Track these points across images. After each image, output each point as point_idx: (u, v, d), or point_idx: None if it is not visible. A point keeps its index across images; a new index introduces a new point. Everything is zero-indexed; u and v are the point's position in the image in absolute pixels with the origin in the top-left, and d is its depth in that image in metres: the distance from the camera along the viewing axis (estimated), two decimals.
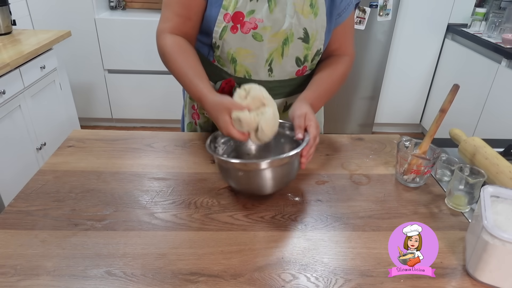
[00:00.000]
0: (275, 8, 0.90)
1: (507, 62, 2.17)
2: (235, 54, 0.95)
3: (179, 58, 0.90)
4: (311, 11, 0.92)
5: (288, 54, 0.95)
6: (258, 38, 0.92)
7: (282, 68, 0.98)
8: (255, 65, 0.96)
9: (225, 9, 0.90)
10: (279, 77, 0.99)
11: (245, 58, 0.95)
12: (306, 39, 0.94)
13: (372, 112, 3.02)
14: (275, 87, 1.00)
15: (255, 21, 0.90)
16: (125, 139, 1.03)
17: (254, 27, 0.90)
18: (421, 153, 0.86)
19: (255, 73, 0.98)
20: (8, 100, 1.75)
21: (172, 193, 0.82)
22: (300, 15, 0.91)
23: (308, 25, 0.93)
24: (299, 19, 0.92)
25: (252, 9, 0.89)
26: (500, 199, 0.68)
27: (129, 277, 0.61)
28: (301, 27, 0.93)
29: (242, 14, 0.90)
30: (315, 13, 0.93)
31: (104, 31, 2.72)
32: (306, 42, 0.95)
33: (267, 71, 0.97)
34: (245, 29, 0.91)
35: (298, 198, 0.82)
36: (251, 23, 0.90)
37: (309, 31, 0.94)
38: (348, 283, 0.62)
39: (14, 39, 2.04)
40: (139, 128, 3.16)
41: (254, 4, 0.89)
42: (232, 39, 0.92)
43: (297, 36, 0.93)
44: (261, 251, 0.67)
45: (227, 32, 0.91)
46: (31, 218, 0.73)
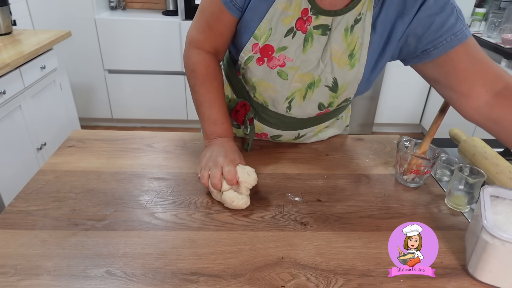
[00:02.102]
0: (310, 49, 0.81)
1: (507, 62, 2.17)
2: (256, 83, 0.88)
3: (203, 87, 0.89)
4: (348, 62, 0.81)
5: (312, 98, 0.87)
6: (283, 76, 0.84)
7: (302, 109, 0.90)
8: (274, 99, 0.90)
9: (256, 39, 0.81)
10: (297, 115, 0.92)
11: (265, 90, 0.88)
12: (334, 88, 0.85)
13: (372, 112, 3.02)
14: (290, 123, 0.95)
15: (284, 58, 0.81)
16: (125, 139, 1.03)
17: (282, 64, 0.82)
18: (421, 153, 0.86)
19: (272, 105, 0.92)
20: (8, 100, 1.75)
21: (172, 193, 0.82)
22: (334, 64, 0.81)
23: (340, 76, 0.83)
24: (331, 68, 0.82)
25: (284, 45, 0.80)
26: (500, 199, 0.68)
27: (129, 277, 0.61)
28: (331, 76, 0.83)
29: (272, 48, 0.81)
30: (352, 64, 0.81)
31: (104, 31, 2.72)
32: (334, 91, 0.86)
33: (285, 108, 0.90)
34: (272, 65, 0.83)
35: (298, 198, 0.82)
36: (279, 59, 0.82)
37: (339, 82, 0.84)
38: (348, 283, 0.62)
39: (14, 39, 2.04)
40: (139, 128, 3.16)
41: (289, 41, 0.80)
42: (256, 69, 0.85)
43: (324, 84, 0.84)
44: (261, 251, 0.68)
45: (253, 62, 0.84)
46: (31, 218, 0.73)
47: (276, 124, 0.96)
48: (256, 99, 0.93)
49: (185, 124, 3.18)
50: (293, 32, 0.79)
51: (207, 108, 0.88)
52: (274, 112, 0.93)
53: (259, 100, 0.93)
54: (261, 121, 0.97)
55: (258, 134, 1.02)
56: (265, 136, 1.02)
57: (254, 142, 1.03)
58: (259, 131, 1.00)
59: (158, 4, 3.11)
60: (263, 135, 1.01)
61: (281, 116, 0.94)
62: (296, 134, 1.00)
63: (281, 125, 0.96)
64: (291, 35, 0.80)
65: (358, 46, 0.80)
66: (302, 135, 1.00)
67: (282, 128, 0.97)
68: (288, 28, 0.79)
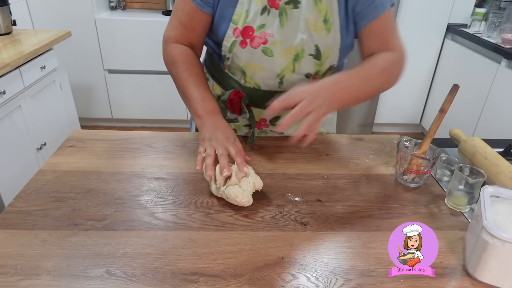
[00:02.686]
0: (286, 23, 0.87)
1: (507, 62, 2.17)
2: (245, 67, 0.94)
3: (185, 72, 0.92)
4: (324, 27, 0.88)
5: (300, 71, 0.93)
6: (268, 53, 0.90)
7: (293, 82, 0.95)
8: (265, 78, 0.95)
9: (235, 23, 0.88)
10: (288, 87, 0.94)
11: (254, 72, 0.94)
12: (318, 56, 0.91)
13: (372, 112, 3.02)
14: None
15: (265, 35, 0.88)
16: (125, 139, 1.03)
17: (264, 41, 0.88)
18: (421, 153, 0.86)
19: (264, 85, 0.96)
20: (8, 100, 1.75)
21: (172, 193, 0.82)
22: (312, 32, 0.88)
23: (321, 41, 0.89)
24: (311, 36, 0.88)
25: (262, 23, 0.87)
26: (500, 199, 0.68)
27: (129, 277, 0.61)
28: (312, 43, 0.89)
29: (252, 29, 0.88)
30: (328, 29, 0.88)
31: (104, 31, 2.72)
32: (318, 59, 0.92)
33: (277, 83, 0.96)
34: (255, 44, 0.89)
35: (298, 198, 0.82)
36: (261, 37, 0.88)
37: (321, 48, 0.90)
38: (348, 283, 0.62)
39: (14, 39, 2.04)
40: (139, 128, 3.16)
41: (265, 18, 0.87)
42: (241, 53, 0.91)
43: (308, 53, 0.90)
44: (261, 251, 0.68)
45: (236, 46, 0.90)
46: (31, 218, 0.73)
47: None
48: (247, 83, 0.97)
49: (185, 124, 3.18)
50: (267, 10, 0.87)
51: (193, 89, 0.90)
52: (268, 92, 0.97)
53: (251, 84, 0.97)
54: (257, 105, 1.00)
55: (258, 123, 1.04)
56: (264, 123, 1.04)
57: (255, 141, 1.03)
58: (258, 118, 1.03)
59: (158, 4, 3.10)
60: (262, 121, 1.04)
61: (274, 93, 0.96)
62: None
63: None
64: (266, 12, 0.87)
65: (329, 12, 0.87)
66: None
67: None
68: (262, 7, 0.86)
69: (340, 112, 1.20)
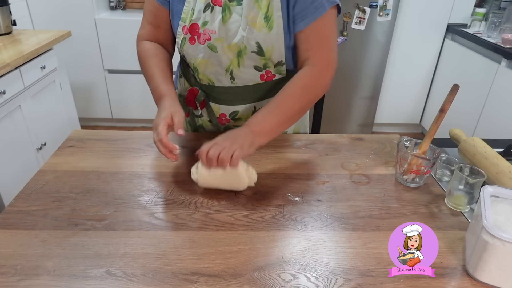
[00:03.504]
0: (229, 20, 0.89)
1: (507, 62, 2.17)
2: (196, 64, 0.96)
3: (149, 62, 0.97)
4: (265, 24, 0.87)
5: (245, 64, 0.94)
6: (213, 49, 0.92)
7: (243, 75, 0.96)
8: (216, 74, 0.97)
9: (183, 21, 0.92)
10: (242, 83, 0.98)
11: (205, 68, 0.96)
12: (261, 52, 0.91)
13: (372, 112, 3.02)
14: (239, 93, 1.00)
15: (209, 32, 0.90)
16: (125, 139, 1.03)
17: (208, 38, 0.91)
18: (421, 153, 0.86)
19: (217, 81, 0.98)
20: (8, 100, 1.75)
21: (172, 193, 0.82)
22: (252, 29, 0.88)
23: (262, 39, 0.88)
24: (251, 33, 0.88)
25: (205, 20, 0.90)
26: (500, 199, 0.68)
27: (129, 277, 0.61)
28: (253, 40, 0.89)
29: (197, 26, 0.91)
30: (269, 26, 0.87)
31: (104, 31, 2.72)
32: (261, 55, 0.91)
33: (229, 79, 0.97)
34: (201, 40, 0.92)
35: (298, 198, 0.82)
36: (205, 34, 0.91)
37: (263, 45, 0.89)
38: (348, 283, 0.62)
39: (14, 39, 2.04)
40: (139, 128, 3.16)
41: (208, 15, 0.90)
42: (191, 50, 0.94)
43: (250, 50, 0.90)
44: (261, 251, 0.68)
45: (186, 43, 0.94)
46: (31, 218, 0.73)
47: (228, 100, 1.01)
48: (201, 80, 1.00)
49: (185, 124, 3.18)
50: (210, 7, 0.89)
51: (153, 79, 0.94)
52: (222, 87, 0.99)
53: (204, 81, 1.00)
54: (214, 101, 1.03)
55: (219, 118, 1.06)
56: (225, 118, 1.05)
57: None
58: (217, 113, 1.05)
59: None
60: (222, 116, 1.05)
61: (229, 89, 0.99)
62: (252, 108, 1.04)
63: (233, 98, 1.01)
64: (209, 10, 0.89)
65: (270, 8, 0.87)
66: (258, 109, 1.03)
67: (235, 102, 1.01)
68: (205, 4, 0.89)
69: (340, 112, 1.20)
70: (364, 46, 2.74)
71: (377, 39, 2.71)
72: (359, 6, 2.58)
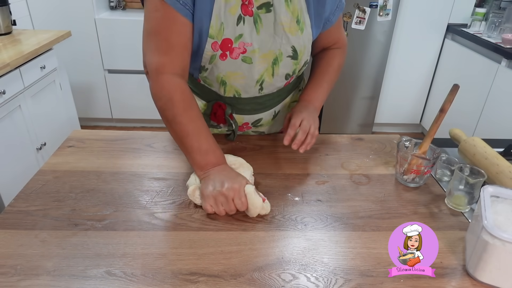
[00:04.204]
0: (261, 29, 0.86)
1: (507, 62, 2.17)
2: (225, 77, 0.91)
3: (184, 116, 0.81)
4: (297, 27, 0.88)
5: (279, 73, 0.93)
6: (247, 61, 0.88)
7: (273, 85, 0.96)
8: (245, 86, 0.93)
9: (213, 38, 0.83)
10: (269, 92, 0.97)
11: (235, 80, 0.92)
12: (295, 56, 0.91)
13: (372, 112, 3.02)
14: (264, 102, 0.99)
15: (244, 45, 0.86)
16: (125, 139, 1.03)
17: (243, 51, 0.86)
18: (421, 153, 0.86)
19: (244, 92, 0.95)
20: (8, 100, 1.75)
21: (172, 193, 0.82)
22: (288, 34, 0.87)
23: (296, 42, 0.89)
24: (287, 38, 0.88)
25: (240, 33, 0.84)
26: (500, 199, 0.68)
27: (129, 277, 0.61)
28: (289, 45, 0.89)
29: (231, 41, 0.84)
30: (301, 29, 0.89)
31: (104, 31, 2.72)
32: (295, 58, 0.92)
33: (257, 89, 0.95)
34: (234, 55, 0.86)
35: (298, 198, 0.82)
36: (240, 48, 0.86)
37: (298, 48, 0.90)
38: (348, 283, 0.62)
39: (14, 39, 2.04)
40: (139, 128, 3.16)
41: (242, 28, 0.84)
42: (221, 64, 0.88)
43: (286, 55, 0.90)
44: (261, 251, 0.68)
45: (216, 59, 0.86)
46: (31, 218, 0.73)
47: (253, 109, 1.00)
48: (227, 93, 0.96)
49: None
50: (242, 19, 0.84)
51: (194, 138, 0.80)
52: (248, 98, 0.97)
53: (230, 94, 0.96)
54: (238, 112, 1.01)
55: (240, 127, 1.05)
56: (246, 126, 1.05)
57: (255, 142, 1.03)
58: (240, 123, 1.03)
59: None
60: (245, 125, 1.04)
61: (255, 99, 0.98)
62: (273, 112, 1.05)
63: (258, 107, 1.00)
64: (241, 22, 0.84)
65: (300, 11, 0.88)
66: (277, 112, 1.06)
67: (259, 110, 1.01)
68: (237, 17, 0.83)
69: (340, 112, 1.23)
70: (364, 46, 2.74)
71: (377, 39, 2.71)
72: (359, 6, 2.58)
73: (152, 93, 0.84)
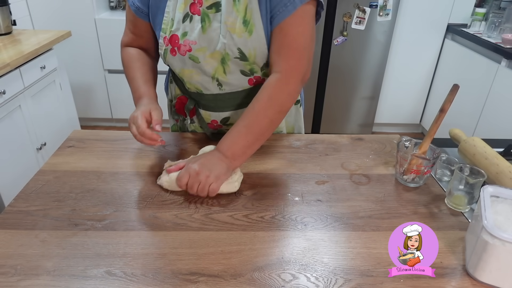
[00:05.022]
0: (208, 28, 0.85)
1: (507, 62, 2.17)
2: (181, 74, 0.95)
3: (131, 65, 0.97)
4: (244, 29, 0.83)
5: (231, 70, 0.90)
6: (195, 60, 0.89)
7: (231, 82, 0.93)
8: (202, 82, 0.94)
9: (164, 32, 0.89)
10: (231, 89, 0.95)
11: (191, 77, 0.94)
12: (244, 57, 0.87)
13: (372, 112, 3.02)
14: (229, 99, 0.97)
15: (189, 43, 0.87)
16: (125, 139, 1.03)
17: (189, 49, 0.88)
18: (421, 153, 0.86)
19: (205, 89, 0.96)
20: (8, 100, 1.75)
21: (172, 193, 0.82)
22: (232, 35, 0.84)
23: (243, 44, 0.85)
24: (232, 39, 0.85)
25: (184, 31, 0.87)
26: (500, 199, 0.68)
27: (129, 277, 0.61)
28: (235, 47, 0.85)
29: (177, 37, 0.88)
30: (249, 30, 0.83)
31: (104, 31, 2.72)
32: (244, 60, 0.88)
33: (216, 85, 0.94)
34: (182, 52, 0.89)
35: (298, 198, 0.82)
36: (185, 45, 0.88)
37: (245, 51, 0.86)
38: (348, 283, 0.62)
39: (14, 39, 2.04)
40: None
41: (187, 26, 0.86)
42: (174, 61, 0.92)
43: (233, 56, 0.87)
44: (261, 251, 0.68)
45: (168, 54, 0.91)
46: (31, 218, 0.73)
47: (218, 106, 1.00)
48: (189, 88, 0.99)
49: None
50: (189, 16, 0.86)
51: (137, 73, 0.95)
52: (211, 95, 0.97)
53: (192, 89, 0.98)
54: (204, 108, 1.01)
55: (210, 124, 1.04)
56: (216, 124, 1.04)
57: None
58: (208, 120, 1.03)
59: None
60: (214, 122, 1.04)
61: (219, 96, 0.97)
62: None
63: (223, 105, 0.99)
64: (188, 19, 0.86)
65: (249, 12, 0.83)
66: None
67: (226, 108, 1.00)
68: (184, 14, 0.86)
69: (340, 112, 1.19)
70: (364, 46, 2.74)
71: (377, 39, 2.71)
72: (359, 6, 2.58)
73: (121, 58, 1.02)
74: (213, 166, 0.79)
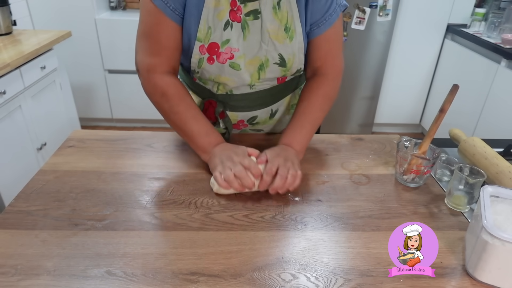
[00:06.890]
0: (249, 35, 0.87)
1: (506, 62, 2.17)
2: (216, 79, 0.93)
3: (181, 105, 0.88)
4: (286, 35, 0.87)
5: (266, 77, 0.93)
6: (236, 68, 0.89)
7: (262, 83, 0.96)
8: (236, 86, 0.95)
9: (200, 41, 0.86)
10: (261, 88, 0.97)
11: (226, 83, 0.94)
12: (283, 63, 0.91)
13: (372, 112, 3.02)
14: (258, 98, 0.99)
15: (231, 50, 0.87)
16: (125, 139, 1.03)
17: (230, 57, 0.87)
18: (421, 153, 0.86)
19: (236, 90, 0.97)
20: (9, 100, 1.75)
21: (172, 193, 0.82)
22: (274, 41, 0.87)
23: (284, 50, 0.89)
24: (274, 46, 0.88)
25: (227, 38, 0.86)
26: (500, 199, 0.68)
27: (130, 277, 0.61)
28: (276, 53, 0.89)
29: (217, 45, 0.86)
30: (290, 37, 0.88)
31: (104, 31, 2.72)
32: (283, 66, 0.91)
33: (249, 88, 0.96)
34: (221, 59, 0.88)
35: (298, 198, 0.82)
36: (226, 53, 0.87)
37: (285, 56, 0.90)
38: (348, 283, 0.62)
39: (14, 39, 2.04)
40: (139, 128, 3.16)
41: (229, 33, 0.86)
42: (210, 68, 0.90)
43: (272, 62, 0.90)
44: (261, 251, 0.68)
45: (204, 62, 0.89)
46: (32, 218, 0.73)
47: (247, 106, 1.00)
48: (220, 91, 0.98)
49: None
50: (229, 24, 0.85)
51: (194, 123, 0.88)
52: (240, 95, 0.98)
53: (223, 91, 0.97)
54: (232, 109, 1.01)
55: (236, 125, 1.05)
56: (242, 124, 1.05)
57: (255, 142, 1.03)
58: (235, 121, 1.04)
59: None
60: (240, 122, 1.04)
61: (248, 95, 0.98)
62: (269, 111, 1.04)
63: (251, 104, 1.00)
64: (229, 27, 0.85)
65: (290, 19, 0.87)
66: (275, 111, 1.05)
67: (253, 107, 1.01)
68: (224, 22, 0.85)
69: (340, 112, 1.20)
70: (364, 46, 2.74)
71: (377, 39, 2.72)
72: (359, 6, 2.58)
73: (145, 89, 0.92)
74: (294, 159, 0.84)
